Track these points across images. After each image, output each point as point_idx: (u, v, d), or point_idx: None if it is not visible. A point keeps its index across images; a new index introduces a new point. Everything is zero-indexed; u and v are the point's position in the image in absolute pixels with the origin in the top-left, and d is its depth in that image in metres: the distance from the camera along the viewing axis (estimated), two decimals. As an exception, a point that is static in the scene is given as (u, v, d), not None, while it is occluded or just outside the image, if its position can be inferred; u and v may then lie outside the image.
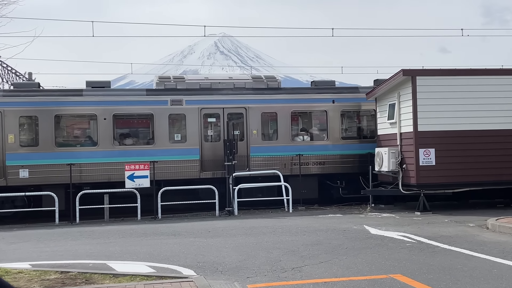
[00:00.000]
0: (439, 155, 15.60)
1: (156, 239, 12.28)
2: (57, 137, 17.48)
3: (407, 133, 16.14)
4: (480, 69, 18.05)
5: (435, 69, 21.89)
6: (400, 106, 16.52)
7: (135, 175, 16.37)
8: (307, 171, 18.42)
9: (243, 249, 10.48)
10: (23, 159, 16.83)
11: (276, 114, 18.61)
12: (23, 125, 17.53)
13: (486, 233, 12.07)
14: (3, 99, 17.14)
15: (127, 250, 10.89)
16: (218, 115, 18.36)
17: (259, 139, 18.41)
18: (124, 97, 18.14)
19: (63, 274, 8.35)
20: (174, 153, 17.72)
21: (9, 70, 30.19)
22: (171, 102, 17.93)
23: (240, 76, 20.20)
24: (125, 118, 18.44)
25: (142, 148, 17.81)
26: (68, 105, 17.59)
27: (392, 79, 16.64)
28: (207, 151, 18.08)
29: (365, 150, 18.51)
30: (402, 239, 11.23)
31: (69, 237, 12.95)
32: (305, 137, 19.03)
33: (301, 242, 11.14)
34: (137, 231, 13.71)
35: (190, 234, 12.75)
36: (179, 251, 10.56)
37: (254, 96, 18.49)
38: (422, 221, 14.09)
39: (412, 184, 15.96)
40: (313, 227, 13.32)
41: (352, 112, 19.69)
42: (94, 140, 17.66)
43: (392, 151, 16.41)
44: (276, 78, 19.64)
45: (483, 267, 8.49)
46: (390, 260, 9.16)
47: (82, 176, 17.13)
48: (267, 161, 18.23)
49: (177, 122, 18.34)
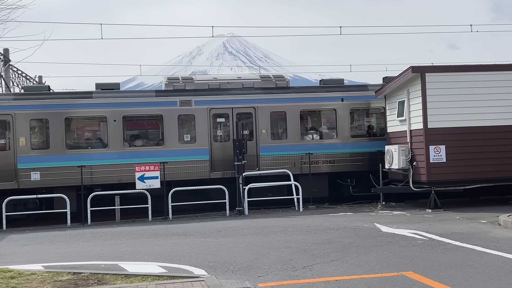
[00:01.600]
0: (449, 152, 15.52)
1: (167, 239, 12.32)
2: (68, 139, 17.58)
3: (417, 130, 16.07)
4: (490, 65, 17.93)
5: (444, 65, 21.82)
6: (410, 103, 16.46)
7: (145, 176, 16.42)
8: (317, 169, 18.40)
9: (254, 249, 10.49)
10: (34, 162, 16.94)
11: (285, 113, 18.61)
12: (34, 128, 17.65)
13: (498, 229, 12.01)
14: (14, 103, 17.27)
15: (138, 250, 10.94)
16: (227, 115, 18.38)
17: (269, 139, 18.41)
18: (134, 99, 18.21)
19: (76, 275, 8.41)
20: (184, 153, 17.78)
21: (20, 74, 30.41)
22: (180, 103, 17.97)
23: (248, 76, 20.21)
24: (135, 120, 18.51)
25: (152, 149, 17.87)
26: (78, 108, 17.69)
27: (401, 76, 16.59)
28: (217, 151, 18.11)
29: (375, 148, 18.45)
30: (414, 237, 11.20)
31: (81, 239, 13.03)
32: (314, 135, 19.01)
33: (312, 240, 11.14)
34: (148, 231, 13.77)
35: (200, 234, 12.79)
36: (190, 251, 10.59)
37: (263, 95, 18.49)
38: (433, 218, 14.04)
39: (422, 181, 15.89)
40: (323, 225, 13.32)
41: (361, 110, 19.63)
42: (104, 142, 17.74)
43: (402, 148, 16.35)
44: (285, 77, 19.63)
45: (495, 264, 8.45)
46: (402, 257, 9.14)
47: (93, 178, 17.22)
48: (277, 160, 18.22)
49: (186, 123, 18.39)
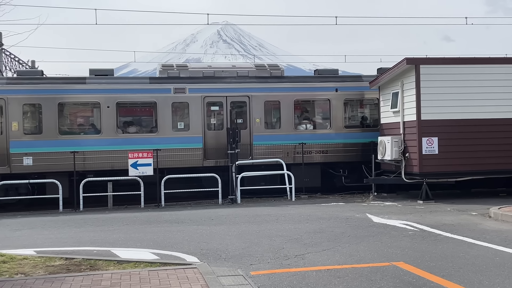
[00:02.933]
0: (442, 144, 15.60)
1: (160, 226, 12.35)
2: (61, 125, 17.51)
3: (410, 121, 16.13)
4: (484, 58, 17.97)
5: (438, 57, 21.84)
6: (404, 94, 16.50)
7: (138, 163, 16.41)
8: (310, 159, 18.45)
9: (246, 237, 10.53)
10: (26, 147, 16.88)
11: (279, 102, 18.60)
12: (26, 113, 17.56)
13: (489, 221, 12.11)
14: (6, 87, 17.17)
15: (130, 237, 10.96)
16: (221, 103, 18.36)
17: (262, 128, 18.42)
18: (127, 85, 18.15)
19: (68, 260, 8.42)
20: (177, 141, 17.76)
21: (12, 58, 30.20)
22: (174, 90, 17.93)
23: (243, 65, 20.19)
24: (128, 106, 18.46)
25: (145, 136, 17.85)
26: (72, 93, 17.61)
27: (395, 67, 16.61)
28: (210, 139, 18.10)
29: (368, 138, 18.50)
30: (405, 227, 11.27)
31: (73, 224, 13.03)
32: (308, 125, 19.04)
33: (304, 230, 11.20)
34: (140, 218, 13.78)
35: (193, 222, 12.82)
36: (183, 238, 10.62)
37: (257, 84, 18.48)
38: (425, 209, 14.13)
39: (414, 173, 15.98)
40: (315, 215, 13.38)
41: (355, 100, 19.67)
42: (98, 128, 17.69)
43: (395, 139, 16.41)
44: (279, 66, 19.60)
45: (485, 255, 8.53)
46: (393, 248, 9.21)
47: (86, 164, 17.19)
48: (270, 149, 18.25)
49: (180, 110, 18.35)
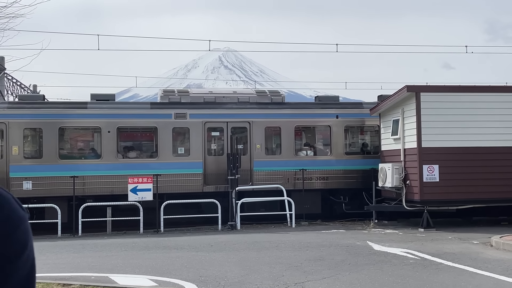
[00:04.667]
0: (443, 172, 15.56)
1: (158, 252, 12.24)
2: (61, 149, 17.51)
3: (411, 149, 16.11)
4: (484, 86, 18.05)
5: (439, 85, 21.94)
6: (404, 122, 16.52)
7: (138, 188, 16.36)
8: (310, 186, 18.38)
9: (245, 264, 10.43)
10: (26, 171, 16.85)
11: (279, 128, 18.62)
12: (27, 137, 17.57)
13: (490, 250, 12.00)
14: (7, 111, 17.21)
15: (129, 263, 10.85)
16: (221, 129, 18.38)
17: (263, 154, 18.40)
18: (128, 110, 18.19)
19: (65, 286, 8.33)
20: (178, 166, 17.72)
21: (14, 82, 30.36)
22: (175, 115, 17.96)
23: (244, 91, 20.27)
24: (129, 131, 18.48)
25: (146, 161, 17.82)
26: (73, 118, 17.64)
27: (396, 95, 16.66)
28: (210, 165, 18.07)
29: (368, 165, 18.47)
30: (406, 256, 11.17)
31: (71, 250, 12.93)
32: (308, 152, 19.02)
33: (304, 257, 11.09)
34: (139, 244, 13.67)
35: (192, 248, 12.72)
36: (181, 265, 10.52)
37: (258, 110, 18.52)
38: (426, 237, 14.03)
39: (415, 200, 15.90)
40: (316, 242, 13.27)
41: (356, 127, 19.69)
42: (98, 153, 17.68)
43: (396, 167, 16.38)
44: (280, 92, 19.68)
45: (486, 285, 8.43)
46: (394, 276, 9.11)
47: (85, 189, 17.13)
48: (270, 175, 18.20)
49: (180, 136, 18.36)
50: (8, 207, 1.17)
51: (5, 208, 1.16)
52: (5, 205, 1.17)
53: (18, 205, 1.19)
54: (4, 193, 1.18)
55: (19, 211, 1.19)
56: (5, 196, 1.17)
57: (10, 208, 1.17)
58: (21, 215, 1.19)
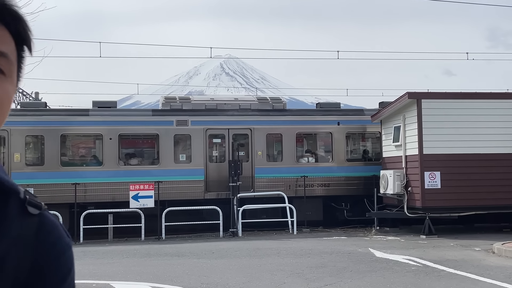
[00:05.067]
0: (444, 178, 15.54)
1: (160, 259, 12.23)
2: (63, 156, 17.53)
3: (412, 155, 16.11)
4: (485, 93, 18.07)
5: (440, 92, 21.93)
6: (406, 128, 16.53)
7: (139, 195, 16.36)
8: (311, 192, 18.37)
9: (247, 271, 10.42)
10: (28, 178, 16.83)
11: (281, 135, 18.63)
12: (29, 144, 17.59)
13: (492, 257, 11.97)
14: (9, 118, 17.03)
15: (130, 270, 10.84)
16: (223, 135, 18.39)
17: (264, 160, 18.40)
18: (130, 117, 18.22)
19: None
20: (179, 173, 17.72)
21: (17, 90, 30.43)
22: (176, 122, 17.98)
23: (245, 97, 20.30)
24: (131, 138, 18.50)
25: (147, 168, 17.83)
26: (74, 125, 17.67)
27: (397, 101, 16.68)
28: (212, 171, 18.07)
29: (370, 172, 18.46)
30: (408, 263, 11.14)
31: (72, 257, 12.89)
32: (310, 158, 19.02)
33: (306, 264, 11.07)
34: (140, 251, 13.66)
35: (194, 255, 12.70)
36: (183, 272, 10.51)
37: (259, 117, 18.54)
38: (428, 244, 14.00)
39: (417, 207, 15.88)
40: (317, 249, 13.25)
41: (357, 134, 19.70)
42: (100, 160, 17.69)
43: (397, 173, 16.37)
44: (282, 99, 19.71)
45: (489, 292, 8.40)
46: (395, 283, 9.09)
47: (87, 196, 17.13)
48: (272, 182, 18.20)
49: (182, 143, 18.38)
50: (56, 233, 1.19)
51: (53, 233, 1.18)
52: (53, 230, 1.19)
53: (65, 232, 1.21)
54: (53, 219, 1.20)
55: (65, 237, 1.21)
56: (53, 222, 1.19)
57: (57, 234, 1.19)
58: (67, 241, 1.20)
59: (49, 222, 1.18)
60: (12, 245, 1.10)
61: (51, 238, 1.17)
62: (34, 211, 1.15)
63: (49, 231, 1.17)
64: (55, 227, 1.19)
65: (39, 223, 1.16)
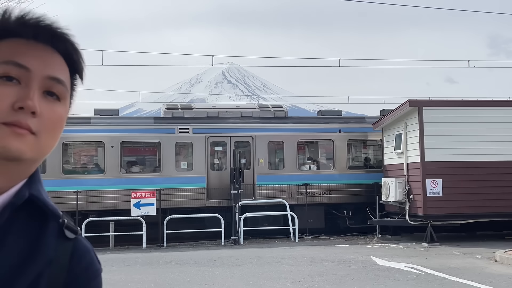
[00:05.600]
0: (446, 186, 15.52)
1: (161, 267, 12.21)
2: (65, 164, 17.55)
3: (414, 163, 16.10)
4: (487, 101, 18.08)
5: (441, 100, 21.95)
6: (407, 136, 16.53)
7: (141, 203, 16.36)
8: (313, 200, 18.35)
9: (248, 279, 10.39)
10: (30, 186, 16.83)
11: (282, 143, 18.64)
12: (31, 152, 17.59)
13: (495, 265, 11.94)
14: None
15: (132, 278, 10.83)
16: (225, 143, 18.41)
17: (266, 168, 18.40)
18: (132, 125, 18.25)
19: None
20: (181, 181, 17.73)
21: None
22: (178, 130, 18.01)
23: (247, 105, 20.34)
24: (132, 146, 18.52)
25: (149, 176, 17.84)
26: (76, 133, 17.69)
27: (398, 109, 16.69)
28: (214, 179, 18.08)
29: (371, 180, 18.45)
30: (409, 271, 11.11)
31: (74, 265, 12.89)
32: (311, 166, 19.02)
33: (307, 272, 11.05)
34: (142, 259, 13.65)
35: (195, 263, 12.68)
36: (184, 280, 10.49)
37: (261, 125, 18.56)
38: (430, 252, 13.96)
39: (419, 215, 15.85)
40: (319, 257, 13.22)
41: (358, 141, 19.70)
42: (101, 168, 17.71)
43: (399, 181, 16.35)
44: (283, 107, 19.74)
45: (491, 300, 8.38)
46: (397, 291, 9.05)
47: (89, 204, 17.13)
48: (273, 190, 18.19)
49: (184, 150, 18.40)
50: (88, 259, 1.20)
51: (86, 258, 1.20)
52: (86, 255, 1.21)
53: (96, 258, 1.23)
54: (86, 244, 1.22)
55: (96, 263, 1.22)
56: (86, 247, 1.21)
57: (90, 260, 1.21)
58: (97, 267, 1.22)
59: (82, 247, 1.20)
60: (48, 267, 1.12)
61: (84, 263, 1.19)
62: (70, 235, 1.19)
63: (82, 255, 1.19)
64: (87, 252, 1.21)
65: (73, 247, 1.18)
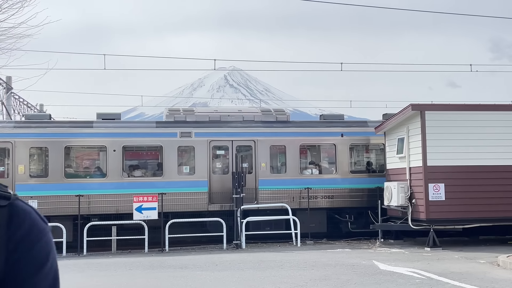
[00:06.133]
0: (448, 190, 15.49)
1: (163, 272, 12.20)
2: (67, 168, 17.56)
3: (416, 167, 16.07)
4: (489, 105, 18.06)
5: (444, 104, 21.96)
6: (409, 140, 16.50)
7: (143, 207, 16.35)
8: (315, 204, 18.33)
9: (250, 283, 10.37)
10: (32, 190, 16.87)
11: (284, 147, 18.63)
12: (33, 156, 17.64)
13: (497, 270, 11.90)
14: (14, 130, 17.31)
15: (134, 283, 10.81)
16: (227, 147, 18.41)
17: (268, 172, 18.39)
18: (134, 129, 18.27)
19: (69, 306, 8.29)
20: (183, 185, 17.72)
21: (21, 102, 30.57)
22: (180, 134, 18.02)
23: (249, 109, 20.34)
24: (135, 150, 18.53)
25: (151, 180, 17.84)
26: (79, 137, 17.72)
27: (401, 113, 16.67)
28: (216, 183, 18.07)
29: (374, 184, 18.42)
30: (412, 275, 11.08)
31: (75, 269, 12.89)
32: (313, 170, 19.00)
33: (309, 277, 11.02)
34: (144, 263, 13.63)
35: (197, 267, 12.66)
36: (186, 284, 10.47)
37: (263, 129, 18.55)
38: (432, 257, 13.93)
39: (421, 219, 15.82)
40: (321, 261, 13.19)
41: (361, 146, 19.68)
42: (103, 172, 17.71)
43: (401, 185, 16.32)
44: (285, 111, 19.74)
45: (494, 305, 8.34)
46: (400, 296, 9.03)
47: (91, 208, 17.13)
48: (276, 194, 18.17)
49: (186, 154, 18.40)
50: (29, 221, 1.17)
51: (26, 221, 1.17)
52: (25, 219, 1.18)
53: (40, 218, 1.20)
54: (26, 206, 1.19)
55: (39, 223, 1.19)
56: (26, 210, 1.18)
57: (32, 222, 1.18)
58: (42, 227, 1.19)
59: (20, 212, 1.16)
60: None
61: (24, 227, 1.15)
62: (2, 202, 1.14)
63: (21, 221, 1.15)
64: (27, 214, 1.16)
65: (9, 214, 1.14)
